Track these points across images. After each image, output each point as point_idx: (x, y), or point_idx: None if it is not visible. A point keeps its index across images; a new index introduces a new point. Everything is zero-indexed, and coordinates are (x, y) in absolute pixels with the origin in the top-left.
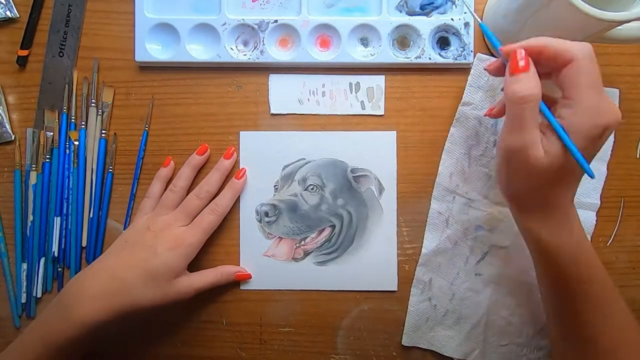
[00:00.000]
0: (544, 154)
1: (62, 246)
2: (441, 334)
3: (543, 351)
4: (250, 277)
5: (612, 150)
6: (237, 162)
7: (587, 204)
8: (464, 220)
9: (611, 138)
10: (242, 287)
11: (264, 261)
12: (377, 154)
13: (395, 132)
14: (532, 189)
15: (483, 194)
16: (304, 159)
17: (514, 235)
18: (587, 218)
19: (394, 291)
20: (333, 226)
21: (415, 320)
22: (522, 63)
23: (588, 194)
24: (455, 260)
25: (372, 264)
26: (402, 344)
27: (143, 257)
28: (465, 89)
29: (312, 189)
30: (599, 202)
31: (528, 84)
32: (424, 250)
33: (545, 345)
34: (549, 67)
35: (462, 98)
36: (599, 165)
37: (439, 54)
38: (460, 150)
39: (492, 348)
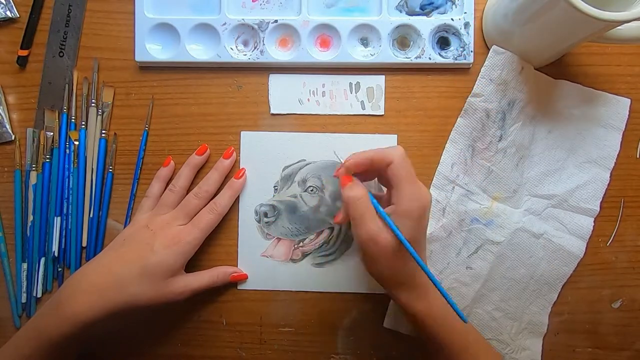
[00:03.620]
0: (391, 237)
1: (62, 246)
2: None
3: (527, 352)
4: (247, 278)
5: (616, 159)
6: (237, 162)
7: (586, 210)
8: (461, 211)
9: (616, 144)
10: (239, 287)
11: (262, 261)
12: None
13: (396, 135)
14: (391, 268)
15: (482, 187)
16: (305, 160)
17: (509, 232)
18: (585, 224)
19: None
20: (332, 228)
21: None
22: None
23: (588, 200)
24: (447, 251)
25: None
26: (384, 326)
27: (139, 254)
28: (477, 80)
29: (311, 190)
30: (599, 209)
31: (355, 188)
32: None
33: (529, 346)
34: (377, 172)
35: (472, 89)
36: (602, 172)
37: (439, 54)
38: (464, 142)
39: None
